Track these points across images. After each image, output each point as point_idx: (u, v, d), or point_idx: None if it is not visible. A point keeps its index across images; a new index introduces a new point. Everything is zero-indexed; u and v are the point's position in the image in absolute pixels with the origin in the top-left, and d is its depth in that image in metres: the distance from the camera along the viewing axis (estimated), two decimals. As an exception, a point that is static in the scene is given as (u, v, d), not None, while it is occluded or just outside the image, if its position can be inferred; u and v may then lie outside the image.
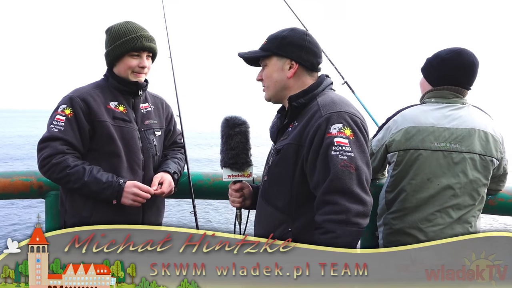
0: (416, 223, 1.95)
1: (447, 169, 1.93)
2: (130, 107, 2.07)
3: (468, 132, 1.93)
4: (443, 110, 2.00)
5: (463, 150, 1.92)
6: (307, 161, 1.55)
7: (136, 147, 2.03)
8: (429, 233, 1.93)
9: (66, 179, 1.89)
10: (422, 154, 1.96)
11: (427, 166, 1.95)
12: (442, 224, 1.92)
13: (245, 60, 1.76)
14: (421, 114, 2.02)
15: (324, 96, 1.63)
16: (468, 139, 1.93)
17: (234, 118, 1.82)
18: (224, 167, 1.83)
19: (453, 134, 1.94)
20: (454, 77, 2.00)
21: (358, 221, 1.46)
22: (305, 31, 1.69)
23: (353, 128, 1.53)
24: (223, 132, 1.82)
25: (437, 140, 1.96)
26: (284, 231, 1.60)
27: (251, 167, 1.84)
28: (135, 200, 1.93)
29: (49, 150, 1.90)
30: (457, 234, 1.89)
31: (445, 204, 1.93)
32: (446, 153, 1.94)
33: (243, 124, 1.82)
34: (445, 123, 1.97)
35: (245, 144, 1.81)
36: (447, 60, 1.99)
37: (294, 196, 1.60)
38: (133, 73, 2.03)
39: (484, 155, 1.93)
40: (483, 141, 1.93)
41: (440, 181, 1.93)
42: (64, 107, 1.95)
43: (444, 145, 1.94)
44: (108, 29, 2.06)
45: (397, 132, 2.01)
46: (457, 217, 1.92)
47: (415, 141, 1.97)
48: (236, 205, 1.87)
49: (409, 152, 1.97)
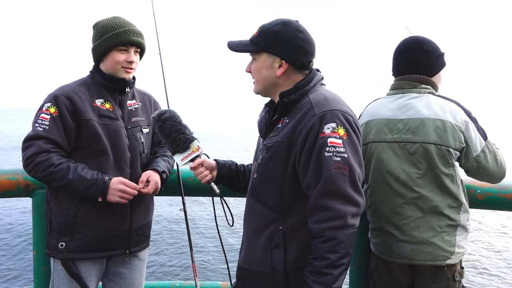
0: (387, 217, 1.96)
1: (405, 160, 1.92)
2: (116, 104, 2.05)
3: (421, 122, 1.90)
4: (398, 101, 1.99)
5: (417, 141, 1.90)
6: (299, 160, 1.54)
7: (123, 145, 2.01)
8: (401, 226, 1.92)
9: (51, 177, 1.87)
10: (377, 146, 1.99)
11: (384, 158, 1.96)
12: (412, 216, 1.91)
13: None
14: (379, 107, 2.05)
15: (316, 93, 1.61)
16: (422, 129, 1.89)
17: (157, 112, 1.87)
18: (173, 155, 1.86)
19: (406, 125, 1.93)
20: (400, 67, 2.04)
21: (353, 223, 1.47)
22: (298, 25, 1.62)
23: (346, 127, 1.52)
24: (155, 128, 1.88)
25: (391, 132, 1.96)
26: (275, 229, 1.59)
27: (195, 141, 1.85)
28: (122, 196, 1.92)
29: (33, 149, 1.88)
30: (434, 227, 1.89)
31: (409, 195, 1.91)
32: (401, 144, 1.93)
33: (166, 111, 1.86)
34: (399, 114, 1.96)
35: (177, 125, 1.83)
36: (394, 52, 2.07)
37: (285, 195, 1.58)
38: (123, 69, 2.00)
39: (441, 144, 1.87)
40: (440, 130, 1.87)
41: (400, 173, 1.93)
42: (49, 105, 1.92)
43: (399, 136, 1.94)
44: (95, 24, 2.03)
45: (360, 127, 2.04)
46: (427, 209, 1.89)
47: (372, 134, 2.02)
48: (207, 179, 1.86)
49: (368, 146, 2.02)
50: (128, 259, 2.13)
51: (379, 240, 2.02)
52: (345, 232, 1.45)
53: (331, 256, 1.43)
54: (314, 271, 1.45)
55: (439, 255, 1.90)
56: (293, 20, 1.64)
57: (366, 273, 2.21)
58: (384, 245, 2.00)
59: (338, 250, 1.44)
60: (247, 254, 1.70)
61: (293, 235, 1.57)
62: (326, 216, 1.45)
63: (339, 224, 1.45)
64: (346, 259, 1.46)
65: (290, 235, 1.58)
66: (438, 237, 1.90)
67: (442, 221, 1.90)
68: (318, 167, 1.48)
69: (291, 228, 1.58)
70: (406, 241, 1.92)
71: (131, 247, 2.08)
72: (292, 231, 1.58)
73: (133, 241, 2.09)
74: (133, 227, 2.07)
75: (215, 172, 1.88)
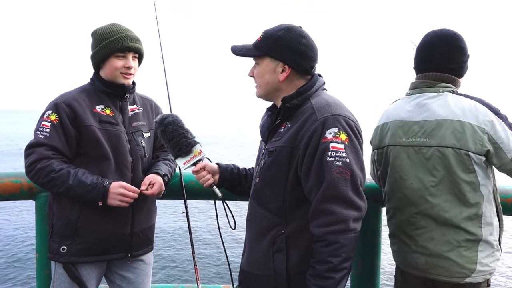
0: (401, 226, 1.85)
1: (420, 166, 1.77)
2: (117, 110, 2.07)
3: (438, 123, 1.74)
4: (414, 102, 1.85)
5: (433, 144, 1.74)
6: (301, 165, 1.54)
7: (124, 150, 2.03)
8: (414, 237, 1.80)
9: (52, 183, 1.89)
10: (392, 150, 1.87)
11: (398, 163, 1.84)
12: (426, 226, 1.77)
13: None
14: (395, 108, 1.92)
15: (318, 98, 1.62)
16: (438, 131, 1.73)
17: (160, 117, 1.87)
18: (175, 159, 1.87)
19: (422, 128, 1.78)
20: (423, 63, 1.86)
21: (355, 227, 1.48)
22: (301, 31, 1.63)
23: (348, 132, 1.52)
24: (158, 132, 1.87)
25: (406, 135, 1.82)
26: (277, 233, 1.59)
27: (198, 145, 1.85)
28: (122, 200, 1.93)
29: (34, 155, 1.91)
30: (449, 241, 1.73)
31: (422, 205, 1.77)
32: (416, 149, 1.78)
33: (169, 116, 1.86)
34: (415, 116, 1.81)
35: (180, 129, 1.84)
36: (421, 46, 1.89)
37: (287, 199, 1.59)
38: (121, 75, 2.02)
39: (459, 148, 1.69)
40: (458, 132, 1.69)
41: (413, 180, 1.79)
42: (50, 113, 1.95)
43: (414, 140, 1.80)
44: (93, 32, 2.06)
45: (375, 130, 1.98)
46: (441, 221, 1.74)
47: (387, 138, 1.90)
48: (209, 183, 1.86)
49: (384, 150, 1.91)
50: (134, 263, 2.13)
51: (396, 249, 1.93)
52: (347, 236, 1.46)
53: (333, 260, 1.44)
54: (316, 275, 1.45)
55: (456, 272, 1.73)
56: (296, 25, 1.65)
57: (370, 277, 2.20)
58: (400, 254, 1.90)
59: (340, 254, 1.44)
60: (250, 258, 1.71)
61: (295, 239, 1.58)
62: (328, 220, 1.46)
63: (341, 228, 1.45)
64: (348, 263, 1.47)
65: (292, 239, 1.58)
66: (455, 251, 1.73)
67: (459, 235, 1.72)
68: (320, 172, 1.49)
69: (293, 232, 1.58)
70: (419, 252, 1.79)
71: (133, 251, 2.09)
72: (294, 235, 1.58)
73: (135, 244, 2.09)
74: (135, 230, 2.08)
75: (217, 175, 1.89)
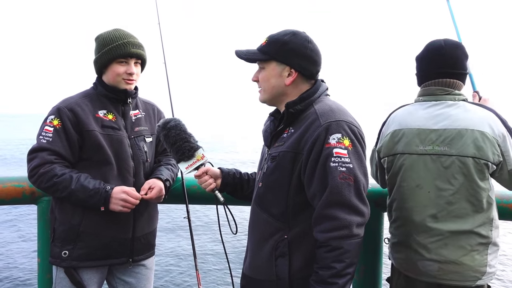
0: (413, 234, 1.82)
1: (437, 175, 1.77)
2: (119, 115, 2.07)
3: (458, 133, 1.74)
4: (431, 109, 1.83)
5: (453, 153, 1.74)
6: (305, 170, 1.54)
7: (126, 154, 2.03)
8: (428, 245, 1.78)
9: (54, 188, 1.89)
10: (407, 158, 1.83)
11: (415, 171, 1.81)
12: (440, 234, 1.76)
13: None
14: (408, 115, 1.89)
15: (321, 104, 1.62)
16: (459, 140, 1.74)
17: (162, 121, 1.88)
18: (178, 163, 1.86)
19: (441, 136, 1.77)
20: (432, 70, 1.85)
21: (359, 232, 1.48)
22: (307, 36, 1.64)
23: (351, 138, 1.53)
24: (160, 136, 1.87)
25: (423, 143, 1.80)
26: (280, 238, 1.59)
27: (200, 149, 1.85)
28: (125, 205, 1.93)
29: (37, 160, 1.91)
30: (463, 246, 1.75)
31: (440, 213, 1.76)
32: (434, 157, 1.77)
33: (172, 120, 1.87)
34: (432, 124, 1.80)
35: (182, 133, 1.84)
36: (426, 53, 1.89)
37: (290, 204, 1.58)
38: (123, 81, 2.03)
39: (479, 158, 1.71)
40: (478, 142, 1.71)
41: (430, 188, 1.78)
42: (52, 118, 1.96)
43: (432, 148, 1.78)
44: (97, 36, 2.07)
45: (385, 136, 1.93)
46: (458, 228, 1.74)
47: (401, 145, 1.86)
48: (211, 187, 1.86)
49: (396, 157, 1.88)
50: (135, 268, 2.13)
51: (403, 256, 1.88)
52: (350, 241, 1.45)
53: (336, 266, 1.43)
54: (320, 280, 1.45)
55: (469, 276, 1.75)
56: (301, 31, 1.66)
57: (372, 282, 2.19)
58: (409, 262, 1.85)
59: (343, 259, 1.44)
60: (252, 263, 1.70)
61: (298, 244, 1.58)
62: (331, 226, 1.46)
63: (345, 233, 1.45)
64: (352, 269, 1.46)
65: (295, 244, 1.58)
66: (468, 256, 1.74)
67: (472, 240, 1.74)
68: (323, 177, 1.49)
69: (296, 237, 1.58)
70: (433, 259, 1.78)
71: (134, 256, 2.09)
72: (297, 240, 1.58)
73: (136, 249, 2.09)
74: (136, 235, 2.07)
75: (219, 180, 1.89)
